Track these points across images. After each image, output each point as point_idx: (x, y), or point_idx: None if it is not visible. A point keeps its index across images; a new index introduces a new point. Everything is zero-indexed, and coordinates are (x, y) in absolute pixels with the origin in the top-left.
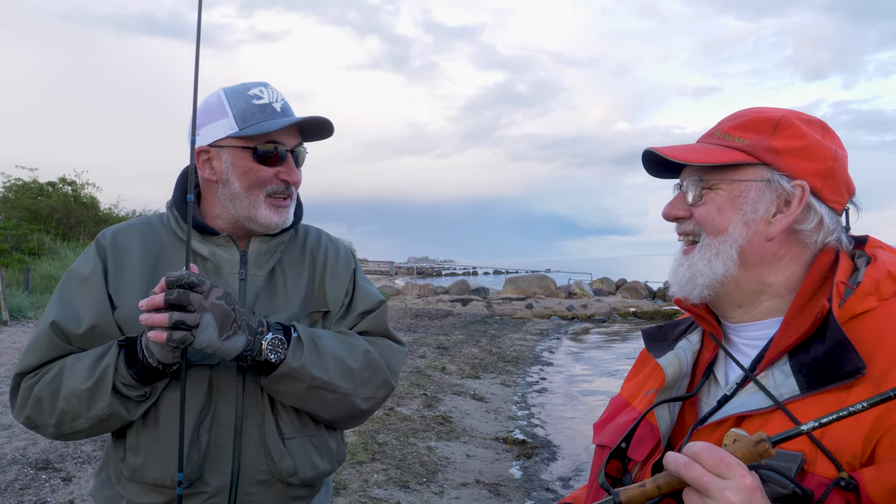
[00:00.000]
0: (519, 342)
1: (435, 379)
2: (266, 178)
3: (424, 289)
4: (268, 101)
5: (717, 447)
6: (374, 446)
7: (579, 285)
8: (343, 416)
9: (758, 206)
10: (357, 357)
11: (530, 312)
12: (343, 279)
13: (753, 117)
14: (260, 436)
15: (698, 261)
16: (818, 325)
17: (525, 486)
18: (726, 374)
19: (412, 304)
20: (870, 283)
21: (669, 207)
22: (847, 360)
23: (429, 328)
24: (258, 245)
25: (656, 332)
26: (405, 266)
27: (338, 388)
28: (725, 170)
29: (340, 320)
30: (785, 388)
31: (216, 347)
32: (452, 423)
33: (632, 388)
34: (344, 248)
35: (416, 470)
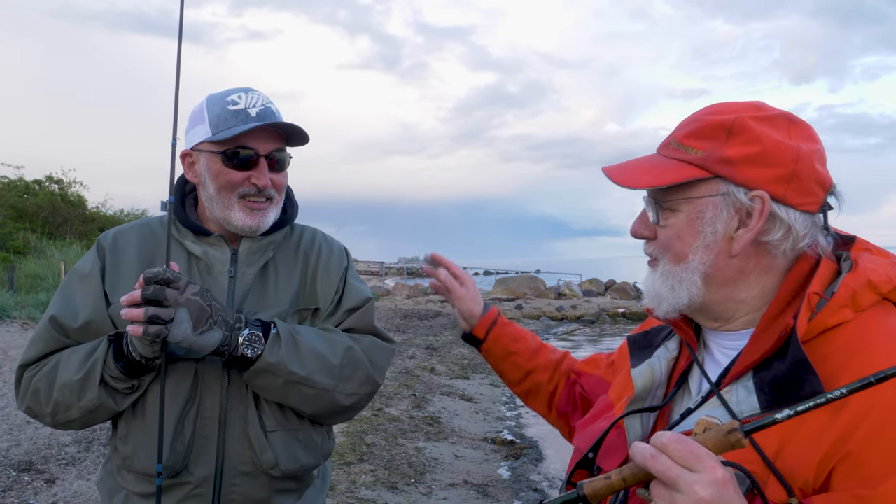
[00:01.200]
0: None
1: (424, 379)
2: (236, 182)
3: (414, 289)
4: (242, 107)
5: (686, 438)
6: (363, 447)
7: (569, 286)
8: (325, 412)
9: (717, 225)
10: (338, 353)
11: (520, 313)
12: (334, 278)
13: (707, 122)
14: (243, 428)
15: (661, 286)
16: (782, 343)
17: (513, 486)
18: (700, 383)
19: (402, 305)
20: (845, 293)
21: (636, 225)
22: (806, 383)
23: (418, 329)
24: (249, 244)
25: (641, 339)
26: (395, 266)
27: (316, 384)
28: (682, 187)
29: (328, 317)
30: (746, 406)
31: (191, 342)
32: (441, 424)
33: (617, 390)
34: (338, 246)
35: (404, 471)
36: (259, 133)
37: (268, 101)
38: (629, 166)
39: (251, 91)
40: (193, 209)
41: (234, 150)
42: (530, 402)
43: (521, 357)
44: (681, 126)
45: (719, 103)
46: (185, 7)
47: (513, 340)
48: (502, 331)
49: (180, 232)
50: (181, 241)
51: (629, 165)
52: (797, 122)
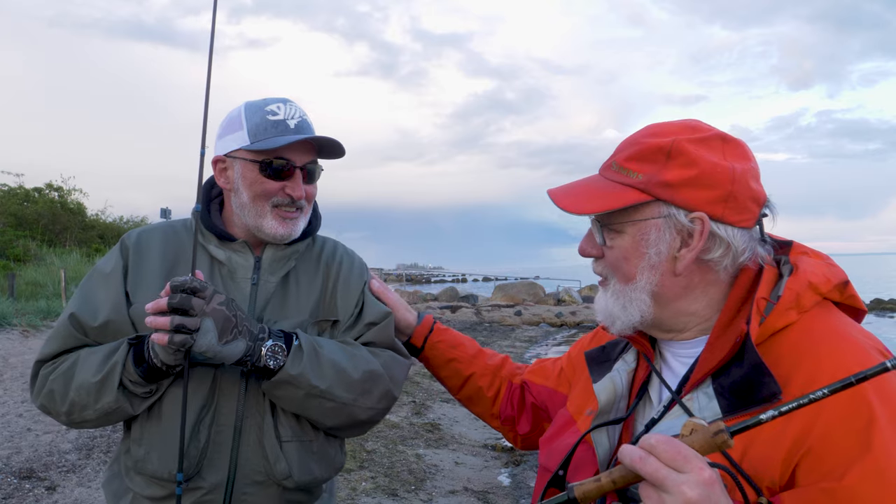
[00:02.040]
0: (508, 349)
1: (424, 386)
2: (271, 191)
3: (413, 296)
4: (282, 118)
5: (674, 439)
6: (363, 454)
7: (568, 292)
8: (342, 425)
9: (660, 246)
10: (358, 368)
11: (519, 319)
12: (355, 291)
13: (646, 146)
14: (258, 437)
15: (613, 306)
16: (738, 348)
17: (513, 493)
18: (660, 392)
19: None
20: (790, 296)
21: (584, 245)
22: (764, 385)
23: None
24: (273, 252)
25: (599, 354)
26: (394, 273)
27: (336, 398)
28: (626, 210)
29: (348, 330)
30: (708, 412)
31: (216, 351)
32: (441, 431)
33: (577, 403)
34: (359, 261)
35: (404, 477)
36: (296, 145)
37: (304, 112)
38: (574, 190)
39: (289, 102)
40: (218, 214)
41: (272, 161)
42: (472, 408)
43: (460, 363)
44: (621, 148)
45: (657, 124)
46: (183, 16)
47: (451, 347)
48: (440, 337)
49: (204, 236)
50: (205, 245)
51: (574, 189)
52: (731, 141)
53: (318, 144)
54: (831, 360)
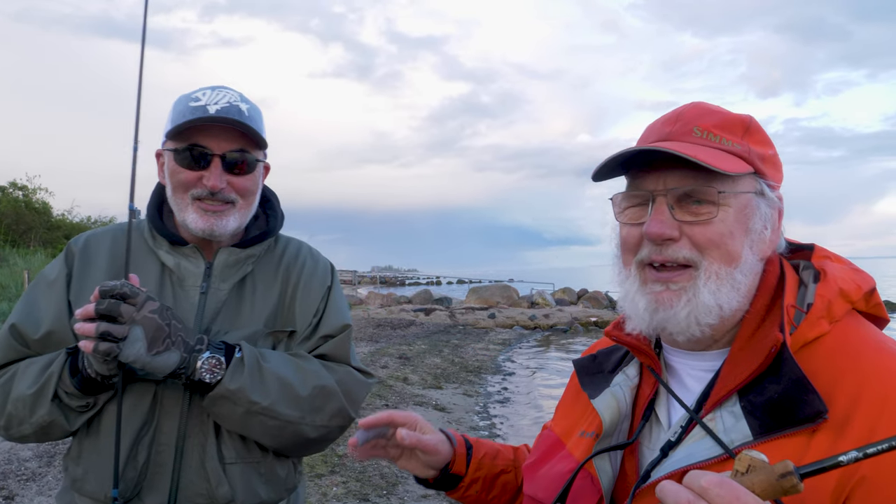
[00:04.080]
0: (481, 352)
1: (397, 389)
2: (188, 182)
3: (387, 298)
4: (203, 104)
5: (730, 482)
6: (334, 459)
7: (542, 295)
8: (289, 445)
9: (763, 224)
10: (307, 383)
11: (493, 322)
12: (315, 297)
13: (726, 116)
14: (201, 458)
15: (703, 293)
16: (771, 360)
17: None
18: (669, 412)
19: (375, 314)
20: (822, 304)
21: (660, 225)
22: (807, 403)
23: (391, 338)
24: (225, 257)
25: (589, 364)
26: (368, 275)
27: (280, 415)
28: (727, 180)
29: (304, 341)
30: (736, 434)
31: (144, 362)
32: None
33: (565, 423)
34: (323, 263)
35: (376, 482)
36: (216, 131)
37: (238, 99)
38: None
39: (221, 89)
40: (171, 216)
41: (186, 148)
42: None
43: (507, 473)
44: (694, 116)
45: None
46: (154, 13)
47: (493, 458)
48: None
49: (156, 241)
50: (156, 251)
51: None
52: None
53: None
54: (878, 376)
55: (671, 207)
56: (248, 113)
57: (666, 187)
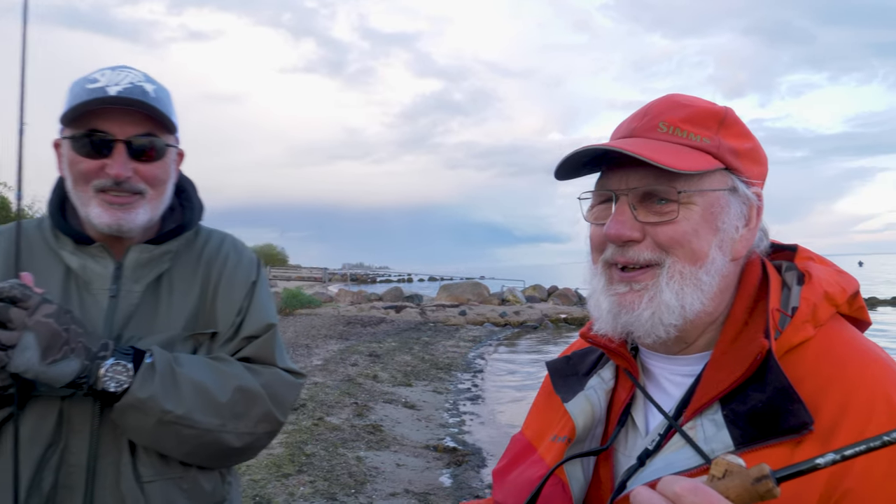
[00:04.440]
0: (452, 349)
1: (366, 387)
2: (88, 172)
3: (358, 296)
4: (102, 85)
5: (705, 488)
6: (302, 458)
7: (512, 292)
8: (209, 456)
9: (733, 222)
10: (227, 387)
11: (463, 319)
12: (238, 294)
13: (699, 108)
14: (115, 479)
15: (666, 293)
16: (756, 367)
17: (455, 493)
18: (646, 417)
19: (345, 312)
20: (807, 308)
21: (620, 227)
22: (792, 413)
23: (361, 335)
24: (137, 255)
25: (563, 366)
26: (339, 272)
27: (197, 424)
28: (692, 177)
29: (227, 343)
30: (717, 443)
31: (38, 372)
32: (383, 432)
33: (537, 426)
34: (248, 256)
35: (344, 481)
36: (117, 115)
37: (142, 79)
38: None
39: (123, 69)
40: (76, 213)
41: (85, 134)
42: None
43: None
44: (662, 110)
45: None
46: (120, 4)
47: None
48: None
49: (59, 241)
50: (58, 252)
51: (639, 144)
52: None
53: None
54: (865, 385)
55: (633, 207)
56: (153, 94)
57: (628, 186)
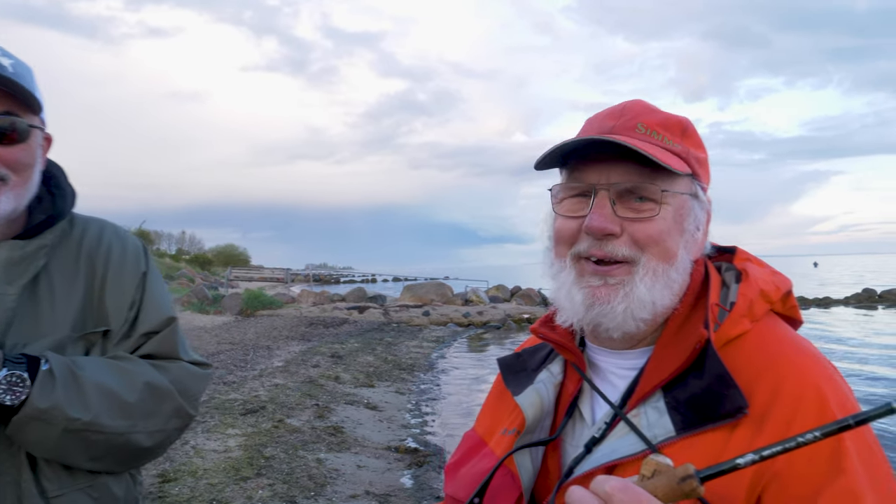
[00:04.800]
0: (415, 349)
1: (328, 388)
2: None
3: (320, 296)
4: None
5: (634, 486)
6: (261, 461)
7: (476, 293)
8: (118, 460)
9: (695, 225)
10: (135, 386)
11: (427, 320)
12: (129, 287)
13: (667, 117)
14: (17, 497)
15: (640, 289)
16: (695, 357)
17: (416, 495)
18: (593, 409)
19: (307, 312)
20: (744, 303)
21: (602, 220)
22: (728, 398)
23: (323, 336)
24: (7, 253)
25: (513, 362)
26: (302, 273)
27: (106, 428)
28: (667, 179)
29: (123, 340)
30: (659, 429)
31: None
32: (344, 434)
33: (488, 422)
34: (134, 244)
35: (303, 483)
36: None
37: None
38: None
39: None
40: None
41: None
42: None
43: None
44: (639, 111)
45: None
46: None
47: None
48: None
49: None
50: None
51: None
52: None
53: (15, 92)
54: (794, 374)
55: (613, 202)
56: (11, 69)
57: (609, 181)
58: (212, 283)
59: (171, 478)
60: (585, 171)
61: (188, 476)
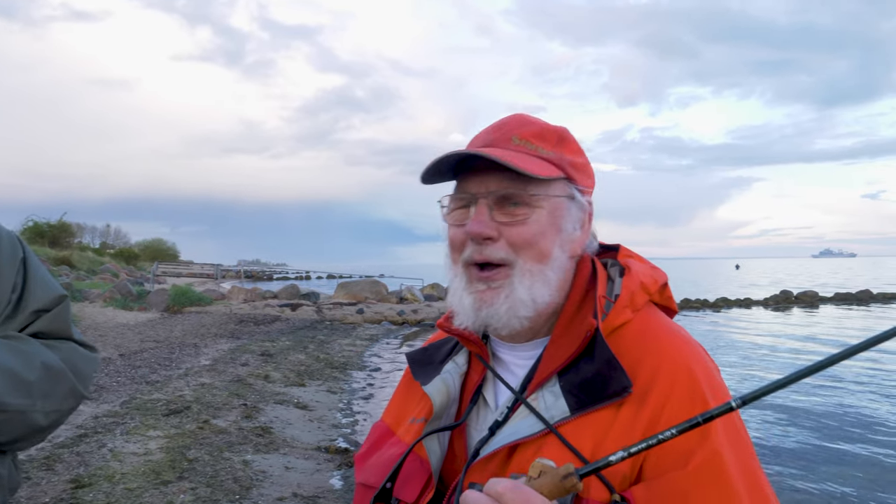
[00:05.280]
0: (348, 348)
1: (257, 388)
2: None
3: (252, 293)
4: None
5: (522, 486)
6: (184, 463)
7: (410, 291)
8: (16, 438)
9: (573, 225)
10: (33, 365)
11: (361, 318)
12: (8, 272)
13: (542, 126)
14: None
15: (519, 289)
16: (586, 344)
17: (345, 496)
18: (496, 396)
19: (237, 309)
20: (627, 295)
21: (480, 226)
22: (614, 379)
23: (254, 334)
24: None
25: (421, 356)
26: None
27: (8, 406)
28: (541, 184)
29: (9, 320)
30: (556, 410)
31: None
32: (272, 434)
33: (396, 413)
34: (7, 234)
35: (228, 487)
36: None
37: None
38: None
39: None
40: None
41: None
42: None
43: None
44: (515, 125)
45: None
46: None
47: None
48: None
49: None
50: None
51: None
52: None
53: None
54: (669, 357)
55: (491, 209)
56: None
57: (487, 190)
58: (137, 279)
59: (86, 483)
60: (468, 182)
61: (104, 481)
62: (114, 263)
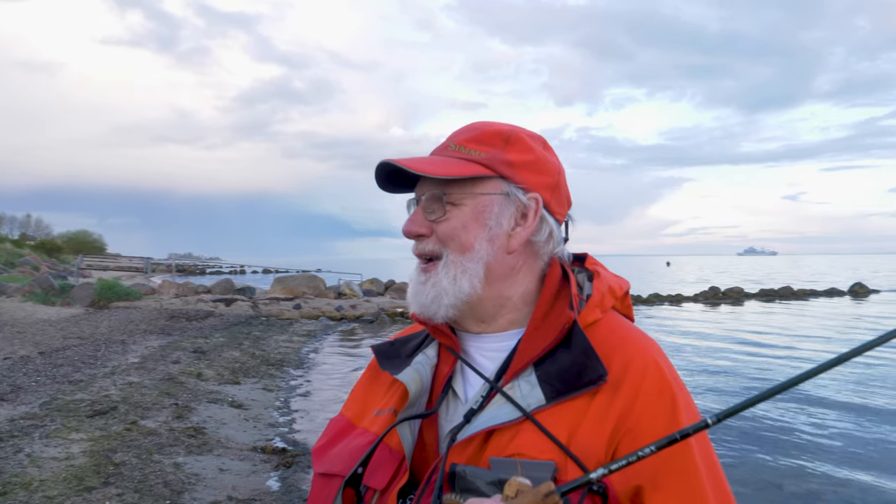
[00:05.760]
0: (285, 344)
1: (189, 386)
2: None
3: (184, 287)
4: None
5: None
6: (109, 468)
7: (349, 286)
8: None
9: (501, 220)
10: None
11: (298, 313)
12: None
13: (486, 130)
14: None
15: (443, 279)
16: (563, 335)
17: (283, 497)
18: (465, 388)
19: (168, 304)
20: (598, 295)
21: (410, 224)
22: (590, 368)
23: (186, 330)
24: None
25: (388, 349)
26: (165, 263)
27: None
28: (466, 184)
29: None
30: (532, 399)
31: None
32: (206, 435)
33: (358, 406)
34: None
35: (158, 491)
36: None
37: None
38: (415, 159)
39: None
40: None
41: None
42: None
43: None
44: (458, 133)
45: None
46: None
47: None
48: None
49: None
50: None
51: (414, 159)
52: (549, 146)
53: None
54: (639, 351)
55: (425, 209)
56: None
57: (423, 192)
58: (60, 272)
59: (0, 492)
60: (418, 186)
61: (20, 489)
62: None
